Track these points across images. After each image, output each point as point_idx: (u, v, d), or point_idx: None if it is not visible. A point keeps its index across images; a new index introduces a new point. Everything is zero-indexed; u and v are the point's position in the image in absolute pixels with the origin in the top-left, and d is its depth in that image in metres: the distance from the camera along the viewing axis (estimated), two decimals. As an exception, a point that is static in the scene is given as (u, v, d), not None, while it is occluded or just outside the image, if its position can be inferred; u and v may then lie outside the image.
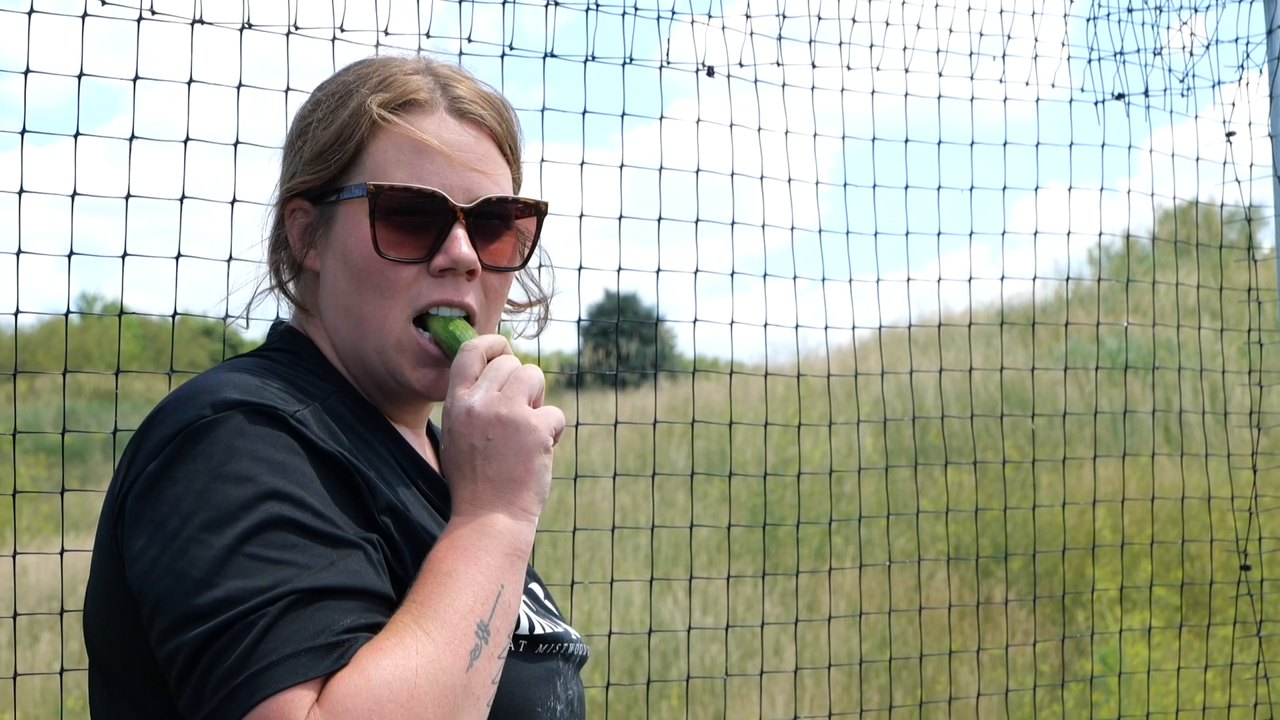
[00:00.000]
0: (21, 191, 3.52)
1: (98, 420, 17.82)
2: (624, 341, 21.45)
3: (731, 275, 4.52)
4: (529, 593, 1.84)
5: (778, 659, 8.92)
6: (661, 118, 4.40)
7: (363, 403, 1.81)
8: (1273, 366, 5.19)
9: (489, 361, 1.73)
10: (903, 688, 8.15)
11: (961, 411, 9.58)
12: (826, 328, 4.81)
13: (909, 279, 4.94)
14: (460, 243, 1.78)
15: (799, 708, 5.18)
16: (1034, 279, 5.33)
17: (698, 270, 4.40)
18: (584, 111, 4.16)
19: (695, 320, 4.44)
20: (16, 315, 3.61)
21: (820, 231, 4.81)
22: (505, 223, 1.85)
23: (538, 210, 1.89)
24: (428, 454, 1.92)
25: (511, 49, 3.98)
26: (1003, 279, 5.16)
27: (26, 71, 3.52)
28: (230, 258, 3.73)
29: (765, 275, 4.65)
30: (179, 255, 3.66)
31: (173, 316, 3.82)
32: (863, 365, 8.23)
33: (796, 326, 4.71)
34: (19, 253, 3.53)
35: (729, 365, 4.81)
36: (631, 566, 11.09)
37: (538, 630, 1.75)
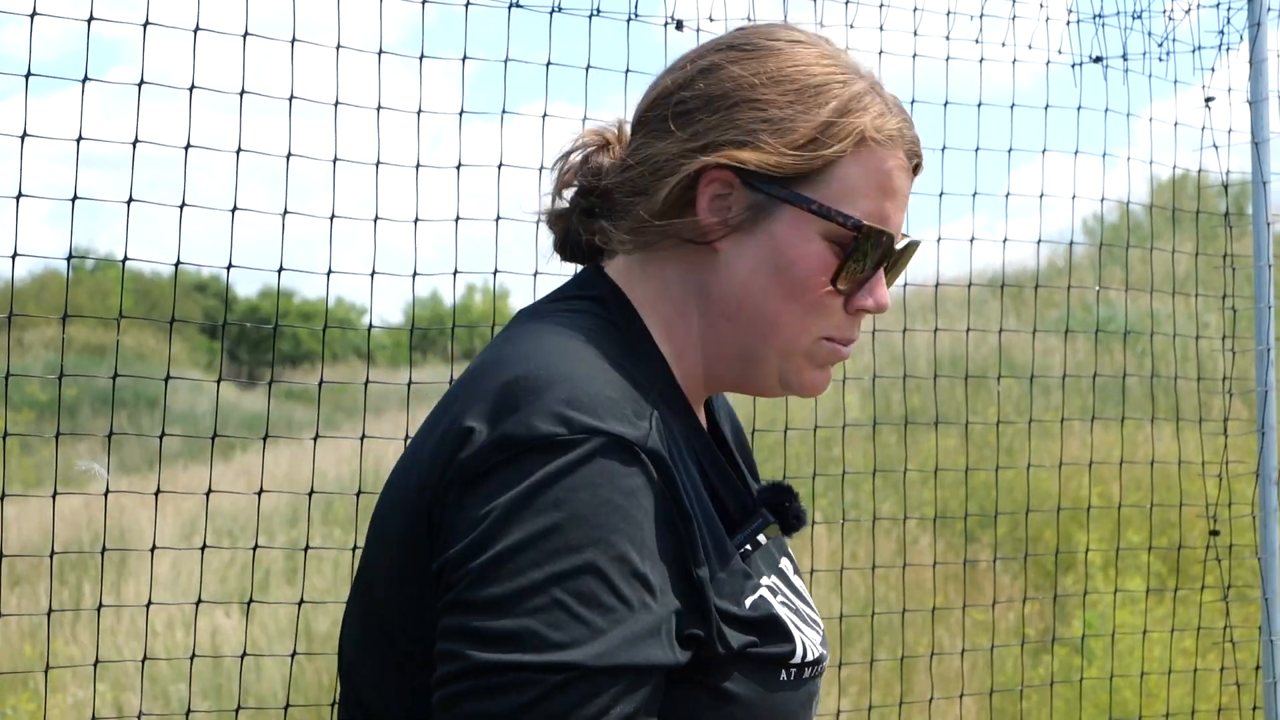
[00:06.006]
0: (25, 136, 3.54)
1: (87, 374, 17.80)
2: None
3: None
4: (794, 589, 1.79)
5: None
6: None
7: (677, 392, 1.74)
8: (1246, 332, 5.23)
9: None
10: (884, 650, 8.21)
11: (948, 375, 9.63)
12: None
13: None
14: (886, 291, 1.77)
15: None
16: (1004, 241, 5.32)
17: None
18: (588, 67, 4.19)
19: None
20: (15, 259, 3.63)
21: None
22: None
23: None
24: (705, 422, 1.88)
25: (519, 4, 4.01)
26: (972, 241, 5.15)
27: (33, 15, 3.54)
28: (235, 208, 3.76)
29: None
30: (183, 204, 3.67)
31: (175, 265, 3.84)
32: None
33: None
34: (19, 196, 3.53)
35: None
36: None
37: (810, 655, 1.69)
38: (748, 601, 1.63)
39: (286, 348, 31.10)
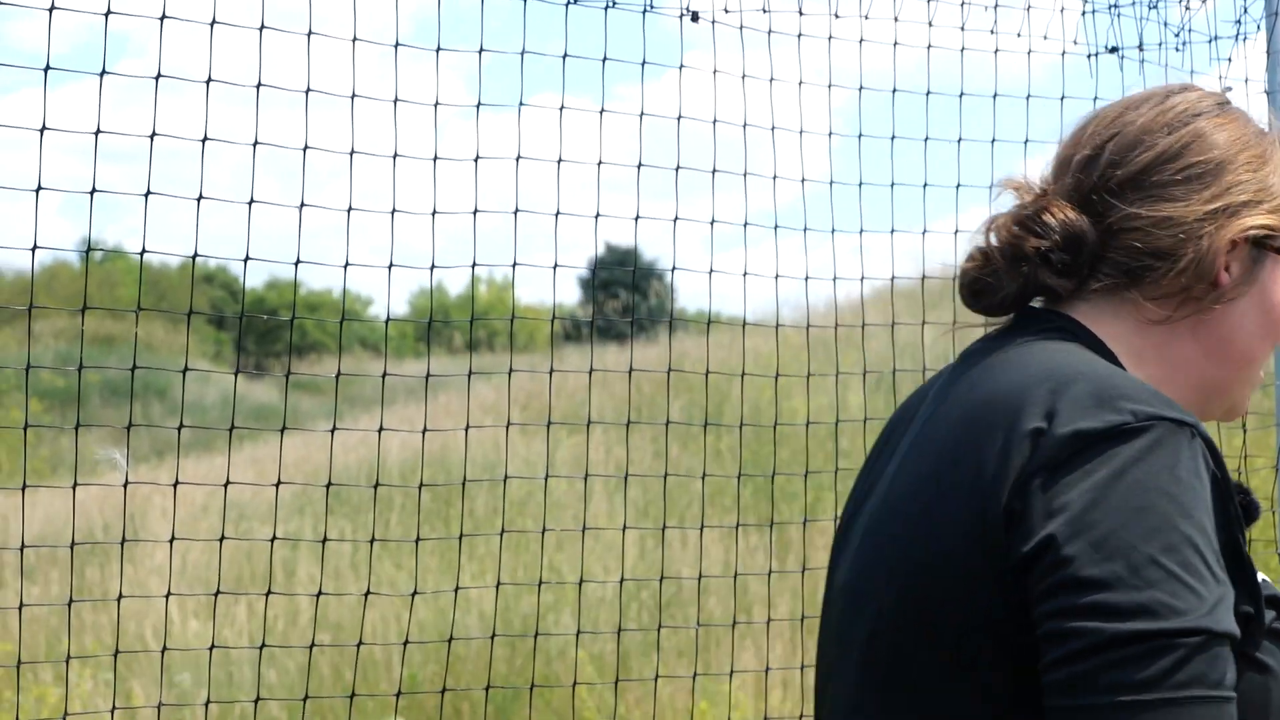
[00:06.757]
0: (44, 129, 3.54)
1: (97, 364, 17.83)
2: (625, 295, 21.51)
3: (745, 226, 4.54)
4: None
5: (774, 610, 8.97)
6: (681, 67, 4.43)
7: None
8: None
9: None
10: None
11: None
12: (835, 278, 4.84)
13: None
14: None
15: (804, 656, 5.27)
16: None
17: (714, 220, 4.41)
18: (604, 59, 4.19)
19: (711, 271, 4.46)
20: (35, 251, 3.63)
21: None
22: None
23: None
24: None
25: (535, -4, 4.02)
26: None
27: (51, 9, 3.54)
28: (251, 200, 3.77)
29: (776, 227, 4.66)
30: (200, 197, 3.68)
31: (193, 258, 3.84)
32: (858, 320, 8.28)
33: (806, 278, 4.73)
34: (39, 189, 3.54)
35: (727, 319, 4.81)
36: (624, 519, 11.13)
37: None
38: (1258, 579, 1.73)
39: (294, 338, 31.17)
